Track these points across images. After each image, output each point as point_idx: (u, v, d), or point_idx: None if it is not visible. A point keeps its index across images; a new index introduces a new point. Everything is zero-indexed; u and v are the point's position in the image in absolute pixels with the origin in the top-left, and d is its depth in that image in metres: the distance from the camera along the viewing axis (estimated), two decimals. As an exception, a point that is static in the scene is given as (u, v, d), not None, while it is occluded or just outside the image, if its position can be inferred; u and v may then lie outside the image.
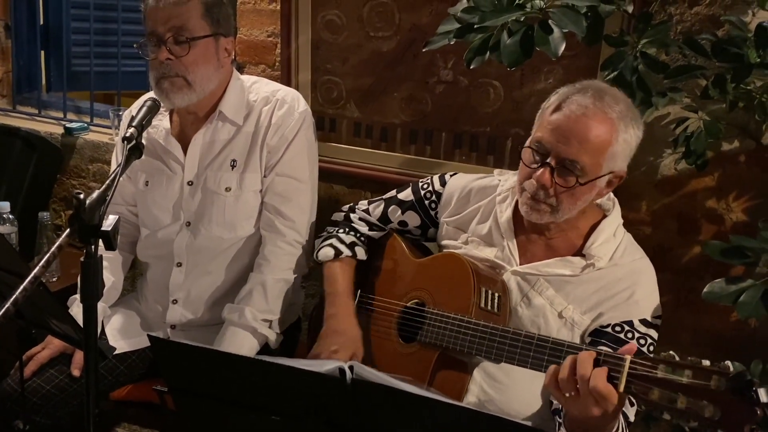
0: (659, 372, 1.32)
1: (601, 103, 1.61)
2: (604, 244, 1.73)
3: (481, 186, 1.92)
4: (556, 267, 1.74)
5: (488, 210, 1.87)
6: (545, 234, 1.77)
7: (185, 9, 1.92)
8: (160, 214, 2.13)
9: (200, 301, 2.14)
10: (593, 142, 1.60)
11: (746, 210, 2.08)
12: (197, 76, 1.96)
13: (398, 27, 2.40)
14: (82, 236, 1.34)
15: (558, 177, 1.63)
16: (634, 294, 1.69)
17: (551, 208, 1.67)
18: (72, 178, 3.14)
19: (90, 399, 1.41)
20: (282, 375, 1.33)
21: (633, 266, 1.73)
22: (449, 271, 1.79)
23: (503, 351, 1.62)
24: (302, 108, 2.09)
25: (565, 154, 1.61)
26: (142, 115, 1.74)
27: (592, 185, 1.64)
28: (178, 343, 1.49)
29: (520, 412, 1.75)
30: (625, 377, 1.36)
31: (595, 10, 1.70)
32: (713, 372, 1.27)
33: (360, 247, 2.03)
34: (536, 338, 1.58)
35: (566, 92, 1.66)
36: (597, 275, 1.72)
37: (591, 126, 1.60)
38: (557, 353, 1.54)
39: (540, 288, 1.75)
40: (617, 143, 1.62)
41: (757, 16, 1.87)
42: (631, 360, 1.37)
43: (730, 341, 2.16)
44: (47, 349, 2.01)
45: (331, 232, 2.08)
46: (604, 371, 1.38)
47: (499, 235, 1.82)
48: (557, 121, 1.63)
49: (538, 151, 1.66)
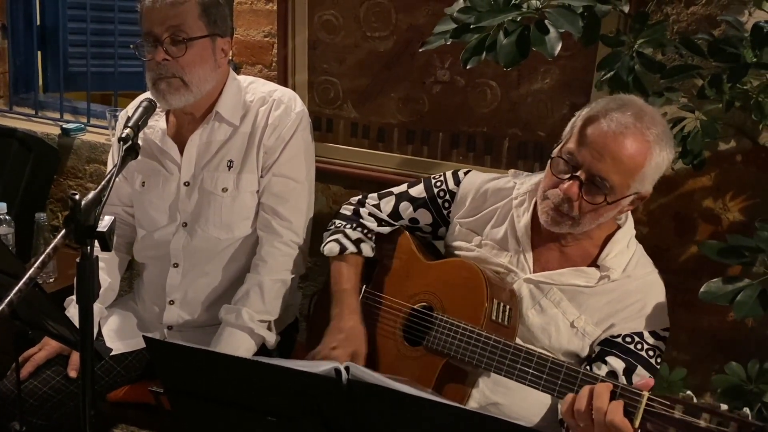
0: (677, 412, 1.31)
1: (640, 123, 1.59)
2: (618, 256, 1.73)
3: (496, 187, 1.89)
4: (570, 277, 1.74)
5: (504, 213, 1.85)
6: (560, 242, 1.76)
7: (182, 9, 1.92)
8: (156, 214, 2.13)
9: (197, 302, 2.13)
10: (627, 162, 1.59)
11: (743, 210, 2.08)
12: (194, 76, 1.96)
13: (395, 27, 2.40)
14: (77, 237, 1.33)
15: (586, 193, 1.62)
16: (646, 306, 1.70)
17: (573, 221, 1.66)
18: (69, 178, 3.14)
19: (86, 400, 1.40)
20: (278, 376, 1.32)
21: (645, 279, 1.74)
22: (461, 278, 1.77)
23: (515, 369, 1.61)
24: (299, 108, 2.09)
25: (596, 170, 1.60)
26: (138, 116, 1.72)
27: (617, 204, 1.64)
28: (173, 344, 1.49)
29: (524, 416, 1.74)
30: (642, 413, 1.36)
31: (592, 10, 1.70)
32: (731, 419, 1.26)
33: (366, 244, 2.00)
34: (550, 361, 1.57)
35: (605, 106, 1.64)
36: (610, 287, 1.72)
37: (627, 146, 1.58)
38: (571, 380, 1.53)
39: (553, 297, 1.74)
40: (649, 166, 1.61)
41: (754, 15, 1.88)
42: (648, 396, 1.37)
43: (727, 341, 2.16)
44: (44, 351, 2.01)
45: (339, 227, 2.04)
46: (620, 405, 1.38)
47: (515, 241, 1.81)
48: (593, 135, 1.61)
49: (569, 162, 1.64)
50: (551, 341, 1.71)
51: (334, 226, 2.06)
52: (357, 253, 1.99)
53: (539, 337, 1.73)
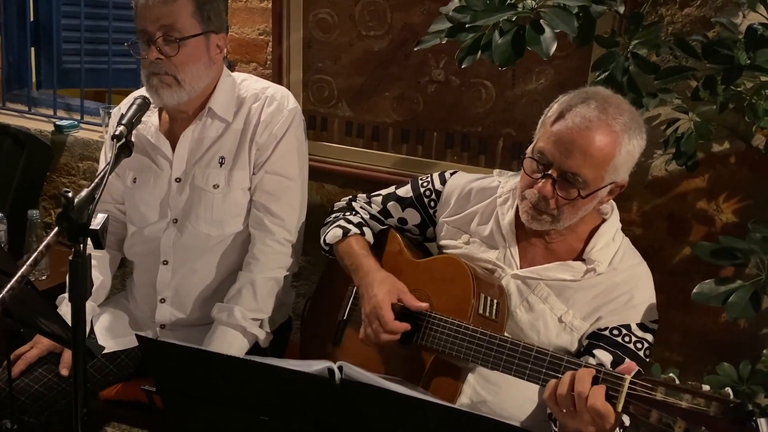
0: (658, 394, 1.32)
1: (605, 115, 1.59)
2: (603, 249, 1.73)
3: (481, 186, 1.90)
4: (556, 271, 1.74)
5: (489, 211, 1.86)
6: (545, 238, 1.77)
7: (175, 8, 1.91)
8: (147, 211, 2.12)
9: (189, 300, 2.13)
10: (596, 155, 1.59)
11: (736, 211, 2.09)
12: (187, 74, 1.95)
13: (390, 26, 2.39)
14: (70, 235, 1.33)
15: (560, 189, 1.62)
16: (633, 298, 1.70)
17: (552, 218, 1.67)
18: (62, 176, 3.13)
19: (78, 398, 1.40)
20: (270, 375, 1.32)
21: (632, 271, 1.74)
22: (449, 274, 1.79)
23: (501, 360, 1.62)
24: (291, 105, 2.09)
25: (567, 167, 1.61)
26: (131, 113, 1.72)
27: (593, 196, 1.64)
28: (165, 343, 1.49)
29: (513, 414, 1.75)
30: (624, 397, 1.37)
31: (587, 11, 1.70)
32: (713, 398, 1.27)
33: (367, 228, 2.01)
34: (534, 350, 1.58)
35: (569, 101, 1.65)
36: (597, 280, 1.72)
37: (594, 139, 1.58)
38: (556, 367, 1.54)
39: (540, 292, 1.75)
40: (620, 155, 1.60)
41: (748, 17, 1.88)
42: (630, 380, 1.38)
43: (720, 341, 2.17)
44: (35, 348, 2.00)
45: (338, 216, 2.06)
46: (602, 389, 1.39)
47: (501, 237, 1.81)
48: (559, 132, 1.61)
49: (540, 162, 1.65)
50: (540, 337, 1.72)
51: (333, 217, 2.08)
52: (360, 234, 1.99)
53: (528, 334, 1.73)
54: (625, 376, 1.39)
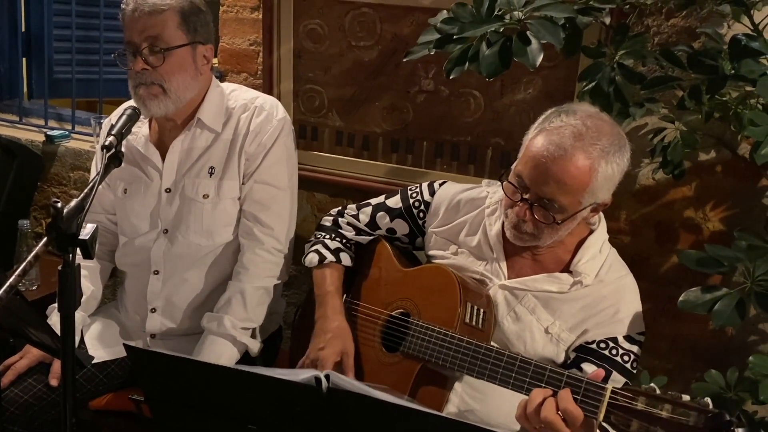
0: (639, 404, 1.33)
1: (581, 142, 1.59)
2: (590, 261, 1.74)
3: (470, 197, 1.91)
4: (544, 283, 1.75)
5: (477, 222, 1.87)
6: (533, 250, 1.78)
7: (160, 19, 1.92)
8: (137, 221, 2.13)
9: (179, 310, 2.13)
10: (569, 183, 1.59)
11: (723, 219, 2.11)
12: (173, 84, 1.95)
13: (380, 37, 2.41)
14: (59, 245, 1.33)
15: (537, 212, 1.63)
16: (619, 311, 1.71)
17: (533, 237, 1.69)
18: (53, 186, 3.12)
19: (67, 408, 1.40)
20: (258, 384, 1.33)
21: (618, 284, 1.75)
22: (436, 283, 1.79)
23: (485, 369, 1.63)
24: (281, 115, 2.09)
25: (542, 193, 1.62)
26: (121, 124, 1.72)
27: (573, 218, 1.65)
28: (154, 353, 1.50)
29: (501, 423, 1.75)
30: (606, 407, 1.38)
31: (573, 22, 1.72)
32: (693, 408, 1.28)
33: (345, 253, 2.03)
34: (519, 359, 1.59)
35: (549, 122, 1.64)
36: (583, 292, 1.73)
37: (569, 168, 1.58)
38: (539, 376, 1.55)
39: (527, 303, 1.76)
40: (596, 181, 1.60)
41: (732, 28, 1.90)
42: (612, 390, 1.39)
43: (707, 349, 2.18)
44: (25, 359, 2.00)
45: (318, 238, 2.07)
46: (567, 392, 1.43)
47: (489, 248, 1.83)
48: (535, 158, 1.61)
49: (517, 186, 1.66)
50: (526, 347, 1.73)
51: (315, 238, 2.09)
52: (336, 262, 2.01)
53: (515, 344, 1.74)
54: (607, 386, 1.40)
